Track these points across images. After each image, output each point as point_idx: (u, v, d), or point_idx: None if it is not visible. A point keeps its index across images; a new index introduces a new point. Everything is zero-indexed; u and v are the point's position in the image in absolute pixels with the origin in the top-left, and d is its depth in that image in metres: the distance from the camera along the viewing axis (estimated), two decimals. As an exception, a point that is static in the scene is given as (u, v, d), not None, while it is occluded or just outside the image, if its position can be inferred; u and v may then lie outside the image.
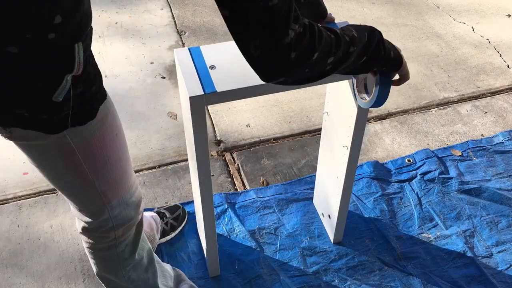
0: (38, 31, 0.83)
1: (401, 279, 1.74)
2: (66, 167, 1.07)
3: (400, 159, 2.18)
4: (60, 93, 0.92)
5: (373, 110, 2.45)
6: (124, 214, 1.23)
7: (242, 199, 1.98)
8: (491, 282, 1.73)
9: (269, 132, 2.33)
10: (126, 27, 3.00)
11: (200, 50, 1.29)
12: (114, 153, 1.13)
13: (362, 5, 3.28)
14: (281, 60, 0.85)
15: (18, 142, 1.03)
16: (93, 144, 1.06)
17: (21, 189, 2.02)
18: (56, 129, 0.98)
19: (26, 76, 0.88)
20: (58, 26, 0.84)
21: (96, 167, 1.10)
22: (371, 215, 1.94)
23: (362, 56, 1.00)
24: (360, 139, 1.48)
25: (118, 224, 1.24)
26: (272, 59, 0.85)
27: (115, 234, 1.25)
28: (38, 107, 0.94)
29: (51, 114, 0.95)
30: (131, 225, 1.28)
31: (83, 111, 1.00)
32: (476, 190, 2.04)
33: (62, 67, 0.91)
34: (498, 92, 2.61)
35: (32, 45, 0.84)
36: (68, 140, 1.01)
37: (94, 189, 1.13)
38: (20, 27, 0.81)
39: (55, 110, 0.95)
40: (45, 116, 0.95)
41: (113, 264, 1.33)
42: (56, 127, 0.98)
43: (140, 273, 1.39)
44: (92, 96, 1.02)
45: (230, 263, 1.76)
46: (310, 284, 1.72)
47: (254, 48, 0.83)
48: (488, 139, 2.30)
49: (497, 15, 3.23)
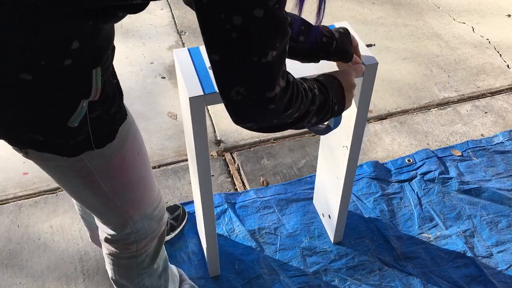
0: (53, 57, 0.79)
1: (401, 279, 1.74)
2: (85, 187, 1.04)
3: (400, 159, 2.18)
4: (75, 118, 0.87)
5: (373, 110, 2.45)
6: (147, 227, 1.21)
7: (242, 199, 1.98)
8: (491, 282, 1.73)
9: (269, 132, 2.33)
10: (126, 27, 3.00)
11: (200, 50, 1.29)
12: (135, 173, 1.09)
13: (362, 5, 3.28)
14: (259, 109, 0.84)
15: (35, 161, 1.00)
16: (112, 166, 1.02)
17: (21, 189, 2.02)
18: (73, 153, 0.94)
19: (40, 102, 0.84)
20: (75, 52, 0.80)
21: (117, 187, 1.06)
22: (371, 215, 1.94)
23: (316, 116, 1.00)
24: (360, 139, 1.48)
25: (141, 238, 1.22)
26: (250, 107, 0.84)
27: (137, 247, 1.24)
28: (53, 132, 0.90)
29: (67, 138, 0.91)
30: (153, 237, 1.27)
31: (101, 134, 0.95)
32: (476, 190, 2.04)
33: (78, 93, 0.86)
34: (498, 92, 2.61)
35: (47, 72, 0.80)
36: (86, 162, 0.97)
37: (115, 207, 1.10)
38: (35, 54, 0.77)
39: (71, 135, 0.91)
40: (61, 141, 0.91)
41: (131, 272, 1.33)
42: (72, 151, 0.94)
43: (154, 280, 1.39)
44: (111, 118, 0.97)
45: (230, 263, 1.76)
46: (310, 284, 1.72)
47: (236, 94, 0.81)
48: (488, 139, 2.30)
49: (497, 15, 3.23)
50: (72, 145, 0.93)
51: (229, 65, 0.79)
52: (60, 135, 0.90)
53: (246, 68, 0.78)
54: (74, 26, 0.77)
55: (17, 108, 0.85)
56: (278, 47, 0.78)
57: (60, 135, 0.90)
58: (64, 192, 2.01)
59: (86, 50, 0.82)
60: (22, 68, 0.79)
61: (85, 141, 0.93)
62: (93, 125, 0.92)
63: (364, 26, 3.06)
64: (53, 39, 0.77)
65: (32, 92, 0.83)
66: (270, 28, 0.76)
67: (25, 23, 0.74)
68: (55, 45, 0.78)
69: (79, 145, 0.93)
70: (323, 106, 1.01)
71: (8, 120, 0.88)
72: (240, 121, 0.88)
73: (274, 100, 0.83)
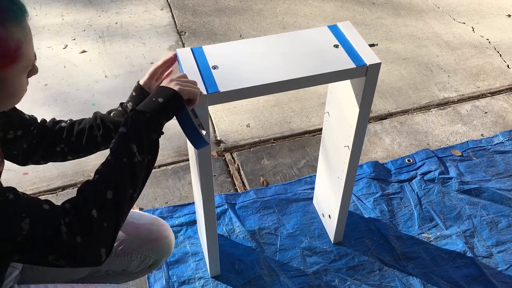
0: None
1: (401, 279, 1.74)
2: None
3: (400, 159, 2.18)
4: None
5: (373, 110, 2.45)
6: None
7: (242, 200, 1.98)
8: (491, 282, 1.73)
9: (269, 132, 2.33)
10: (126, 27, 3.00)
11: (203, 50, 1.29)
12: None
13: (362, 5, 3.28)
14: (81, 250, 0.86)
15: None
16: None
17: (21, 189, 2.00)
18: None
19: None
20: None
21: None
22: (371, 215, 1.94)
23: (132, 183, 0.95)
24: (361, 138, 1.48)
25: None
26: (76, 253, 0.86)
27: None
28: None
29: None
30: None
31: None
32: (476, 190, 2.04)
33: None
34: (498, 92, 2.61)
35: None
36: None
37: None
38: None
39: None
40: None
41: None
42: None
43: None
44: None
45: (230, 263, 1.76)
46: (310, 284, 1.72)
47: (54, 259, 0.85)
48: (488, 139, 2.30)
49: (497, 15, 3.23)
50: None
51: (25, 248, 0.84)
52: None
53: (30, 245, 0.84)
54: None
55: None
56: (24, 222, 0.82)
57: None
58: (64, 193, 2.01)
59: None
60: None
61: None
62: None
63: (364, 26, 3.07)
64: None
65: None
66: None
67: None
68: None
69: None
70: (125, 169, 0.93)
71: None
72: (94, 263, 0.90)
73: (71, 236, 0.85)
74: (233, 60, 1.27)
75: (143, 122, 0.96)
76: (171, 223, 1.88)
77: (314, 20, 3.11)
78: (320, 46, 1.32)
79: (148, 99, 1.01)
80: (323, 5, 3.26)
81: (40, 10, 3.15)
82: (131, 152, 0.93)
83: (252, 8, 3.22)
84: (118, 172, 0.92)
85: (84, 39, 2.89)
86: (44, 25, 3.00)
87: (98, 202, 0.88)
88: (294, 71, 1.24)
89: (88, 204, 0.87)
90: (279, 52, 1.30)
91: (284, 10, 3.21)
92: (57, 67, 2.67)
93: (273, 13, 3.18)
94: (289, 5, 3.26)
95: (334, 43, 1.33)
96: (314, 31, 1.38)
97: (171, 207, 1.94)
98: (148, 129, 0.97)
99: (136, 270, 1.33)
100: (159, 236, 1.33)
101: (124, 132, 0.95)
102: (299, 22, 3.10)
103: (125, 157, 0.93)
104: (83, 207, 0.87)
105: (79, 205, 0.87)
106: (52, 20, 3.05)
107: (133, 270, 1.33)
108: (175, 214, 1.92)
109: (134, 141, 0.94)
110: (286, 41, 1.34)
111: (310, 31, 1.38)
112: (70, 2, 3.23)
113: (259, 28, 3.04)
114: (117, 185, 0.91)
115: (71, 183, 2.05)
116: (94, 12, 3.14)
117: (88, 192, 0.89)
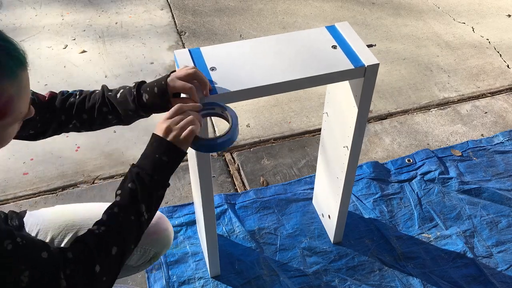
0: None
1: (401, 279, 1.74)
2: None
3: (400, 159, 2.18)
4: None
5: (373, 110, 2.45)
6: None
7: (242, 200, 1.98)
8: (491, 282, 1.73)
9: (269, 132, 2.33)
10: (126, 27, 3.00)
11: (201, 51, 1.29)
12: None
13: (362, 5, 3.28)
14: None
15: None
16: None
17: (21, 189, 2.02)
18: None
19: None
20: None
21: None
22: (371, 216, 1.94)
23: (143, 208, 0.97)
24: (360, 139, 1.48)
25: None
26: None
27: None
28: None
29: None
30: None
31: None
32: (476, 190, 2.04)
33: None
34: (498, 92, 2.61)
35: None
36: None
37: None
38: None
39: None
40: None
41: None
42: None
43: None
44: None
45: (230, 264, 1.76)
46: (310, 284, 1.72)
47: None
48: (488, 139, 2.30)
49: (497, 15, 3.23)
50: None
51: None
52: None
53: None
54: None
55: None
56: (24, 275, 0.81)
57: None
58: (64, 193, 2.02)
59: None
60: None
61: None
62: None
63: (364, 26, 3.07)
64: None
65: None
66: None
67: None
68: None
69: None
70: (137, 194, 0.95)
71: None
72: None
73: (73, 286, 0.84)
74: (231, 62, 1.27)
75: (153, 186, 0.98)
76: (171, 223, 1.88)
77: (314, 20, 3.11)
78: (318, 47, 1.32)
79: (151, 153, 0.99)
80: (323, 5, 3.26)
81: (40, 10, 3.15)
82: (139, 211, 0.95)
83: (252, 8, 3.23)
84: (125, 229, 0.94)
85: (84, 39, 2.89)
86: (44, 25, 3.00)
87: (103, 257, 0.89)
88: (292, 73, 1.24)
89: (92, 258, 0.87)
90: (276, 54, 1.30)
91: (284, 10, 3.21)
92: (57, 67, 2.67)
93: (273, 13, 3.18)
94: (289, 5, 3.26)
95: (332, 44, 1.33)
96: (312, 32, 1.38)
97: (171, 207, 1.94)
98: (157, 189, 0.99)
99: (136, 264, 1.34)
100: (158, 228, 1.33)
101: (133, 190, 0.96)
102: (299, 22, 3.10)
103: (133, 215, 0.95)
104: (87, 261, 0.87)
105: (83, 258, 0.87)
106: (52, 20, 3.05)
107: (133, 264, 1.33)
108: (175, 214, 1.92)
109: (144, 201, 0.96)
110: (283, 43, 1.34)
111: (307, 32, 1.38)
112: (70, 2, 3.23)
113: (259, 28, 3.04)
114: (123, 241, 0.92)
115: (71, 183, 2.05)
116: (94, 12, 3.14)
117: (93, 246, 0.89)
